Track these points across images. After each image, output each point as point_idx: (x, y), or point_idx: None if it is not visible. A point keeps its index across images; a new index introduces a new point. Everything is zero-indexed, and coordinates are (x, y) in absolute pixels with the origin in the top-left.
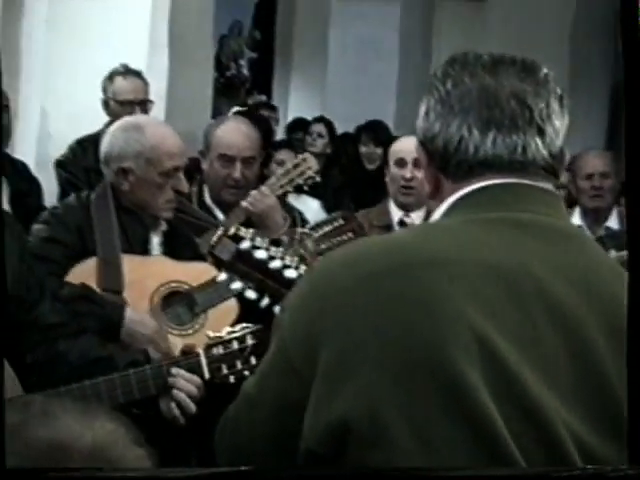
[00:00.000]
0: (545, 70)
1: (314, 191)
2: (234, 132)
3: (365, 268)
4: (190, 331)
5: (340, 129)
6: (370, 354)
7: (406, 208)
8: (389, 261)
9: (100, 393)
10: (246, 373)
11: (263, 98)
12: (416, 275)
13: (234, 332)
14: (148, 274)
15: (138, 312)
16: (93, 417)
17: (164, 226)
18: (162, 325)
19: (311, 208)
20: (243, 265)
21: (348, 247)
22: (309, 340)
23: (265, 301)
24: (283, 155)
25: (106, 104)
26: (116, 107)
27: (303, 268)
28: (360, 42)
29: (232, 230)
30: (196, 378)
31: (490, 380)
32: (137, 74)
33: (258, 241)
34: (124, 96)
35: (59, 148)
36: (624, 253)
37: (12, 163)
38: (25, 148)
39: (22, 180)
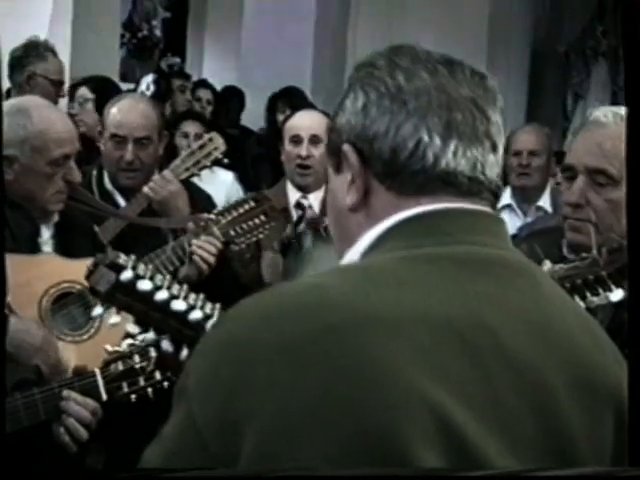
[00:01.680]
0: (492, 79)
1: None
2: (127, 111)
3: (287, 331)
4: (85, 336)
5: (256, 93)
6: (309, 438)
7: (303, 189)
8: (317, 321)
9: None
10: (149, 390)
11: (177, 61)
12: (352, 339)
13: (135, 344)
14: (36, 275)
15: (24, 319)
16: None
17: (56, 217)
18: (53, 332)
19: (224, 181)
20: (124, 297)
21: (264, 298)
22: (227, 418)
23: (150, 335)
24: (188, 127)
25: (32, 80)
26: (47, 85)
27: (192, 297)
28: (276, 2)
29: (110, 257)
30: (90, 402)
31: (449, 457)
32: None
33: (141, 270)
34: (58, 75)
35: None
36: (561, 266)
37: None
38: None
39: None
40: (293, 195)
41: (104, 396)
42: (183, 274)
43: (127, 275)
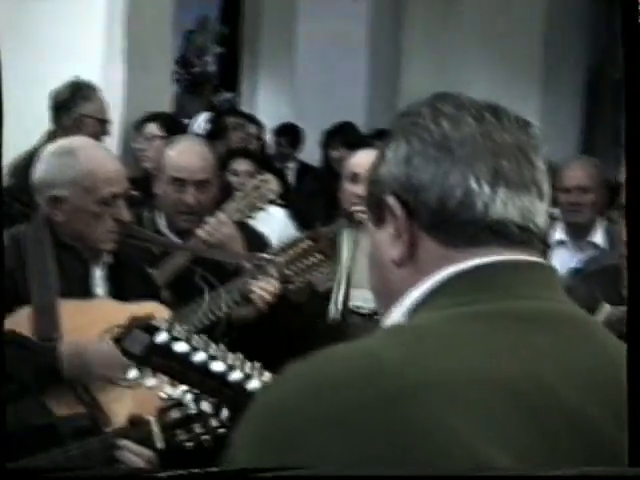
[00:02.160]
0: (535, 127)
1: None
2: (186, 153)
3: (336, 401)
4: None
5: (310, 126)
6: None
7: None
8: (369, 391)
9: None
10: (206, 438)
11: (230, 96)
12: (407, 409)
13: (187, 393)
14: (89, 320)
15: (77, 343)
16: None
17: (108, 258)
18: None
19: (276, 218)
20: (160, 359)
21: (313, 364)
22: None
23: (188, 397)
24: (239, 165)
25: (78, 121)
26: (95, 125)
27: (231, 357)
28: (329, 36)
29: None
30: (146, 451)
31: None
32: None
33: (177, 331)
34: (105, 115)
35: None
36: (621, 309)
37: None
38: None
39: None
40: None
41: (160, 444)
42: (239, 315)
43: (162, 337)
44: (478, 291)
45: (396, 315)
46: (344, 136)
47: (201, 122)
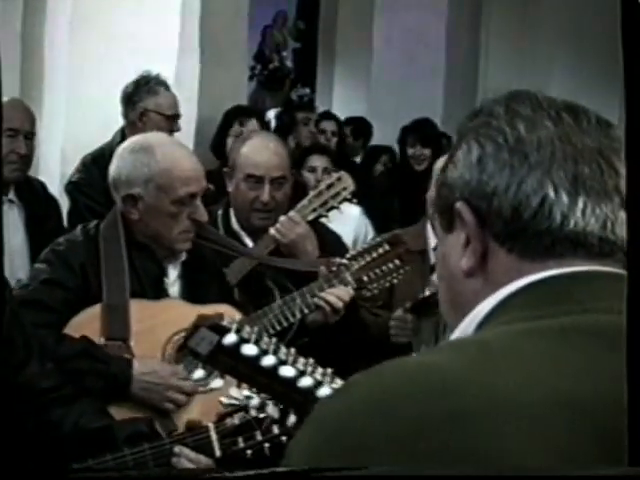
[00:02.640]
0: (618, 129)
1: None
2: (261, 150)
3: (403, 417)
4: (207, 387)
5: (385, 122)
6: None
7: None
8: (434, 409)
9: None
10: (266, 446)
11: (307, 91)
12: (472, 428)
13: (252, 397)
14: (159, 322)
15: (147, 361)
16: None
17: (183, 257)
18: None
19: (352, 216)
20: (228, 361)
21: (377, 377)
22: None
23: (255, 400)
24: (315, 161)
25: (143, 116)
26: (161, 121)
27: (301, 362)
28: (406, 32)
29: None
30: (203, 458)
31: None
32: (167, 87)
33: (246, 332)
34: (172, 110)
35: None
36: None
37: (28, 183)
38: (49, 161)
39: (38, 202)
40: (433, 238)
41: (218, 452)
42: (310, 319)
43: (231, 339)
44: (551, 304)
45: (465, 328)
46: (421, 133)
47: (271, 117)
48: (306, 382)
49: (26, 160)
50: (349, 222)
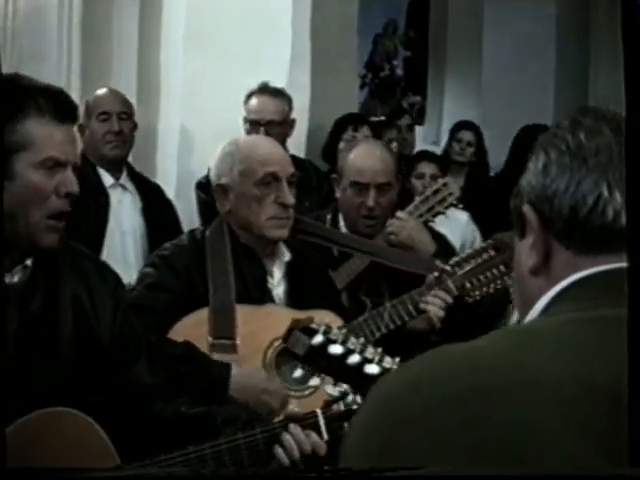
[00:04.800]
0: None
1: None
2: (367, 157)
3: (433, 393)
4: (306, 392)
5: (495, 130)
6: None
7: None
8: (464, 384)
9: (205, 461)
10: None
11: (418, 99)
12: (501, 403)
13: (347, 393)
14: (261, 327)
15: (245, 367)
16: None
17: (287, 256)
18: None
19: (459, 221)
20: (320, 360)
21: (421, 359)
22: None
23: (349, 397)
24: (424, 168)
25: (245, 121)
26: (246, 126)
27: (387, 361)
28: (515, 40)
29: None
30: (314, 436)
31: None
32: (274, 93)
33: (333, 334)
34: (251, 115)
35: (201, 167)
36: None
37: (146, 182)
38: (166, 167)
39: (155, 197)
40: None
41: (325, 435)
42: (410, 326)
43: (318, 339)
44: (598, 297)
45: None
46: (532, 139)
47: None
48: None
49: (123, 137)
50: (457, 228)
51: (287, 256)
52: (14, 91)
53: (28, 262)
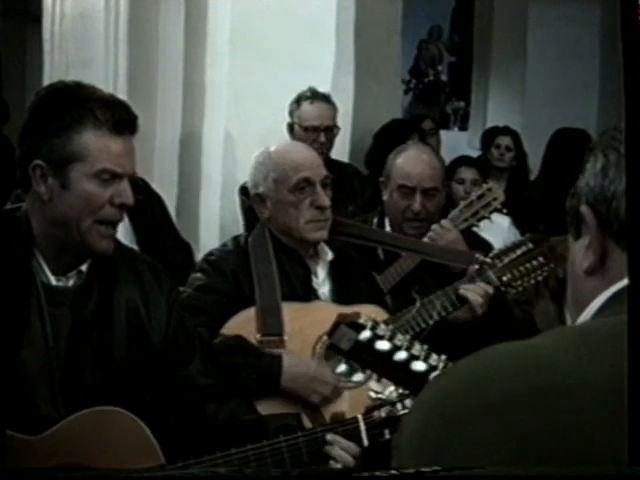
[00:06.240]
0: None
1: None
2: (414, 161)
3: (494, 391)
4: (355, 384)
5: (540, 135)
6: None
7: None
8: (523, 383)
9: (249, 462)
10: None
11: (462, 104)
12: (558, 403)
13: (393, 391)
14: (308, 323)
15: (295, 357)
16: None
17: (330, 255)
18: None
19: (500, 226)
20: (366, 356)
21: (478, 357)
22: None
23: (395, 394)
24: (464, 173)
25: (291, 128)
26: (300, 132)
27: (434, 358)
28: (560, 45)
29: (351, 317)
30: (353, 446)
31: None
32: (325, 98)
33: (380, 329)
34: (309, 122)
35: (245, 172)
36: None
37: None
38: (211, 172)
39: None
40: None
41: (365, 442)
42: (454, 316)
43: (365, 335)
44: None
45: (582, 321)
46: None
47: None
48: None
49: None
50: (498, 233)
51: (330, 255)
52: (72, 100)
53: (83, 267)
